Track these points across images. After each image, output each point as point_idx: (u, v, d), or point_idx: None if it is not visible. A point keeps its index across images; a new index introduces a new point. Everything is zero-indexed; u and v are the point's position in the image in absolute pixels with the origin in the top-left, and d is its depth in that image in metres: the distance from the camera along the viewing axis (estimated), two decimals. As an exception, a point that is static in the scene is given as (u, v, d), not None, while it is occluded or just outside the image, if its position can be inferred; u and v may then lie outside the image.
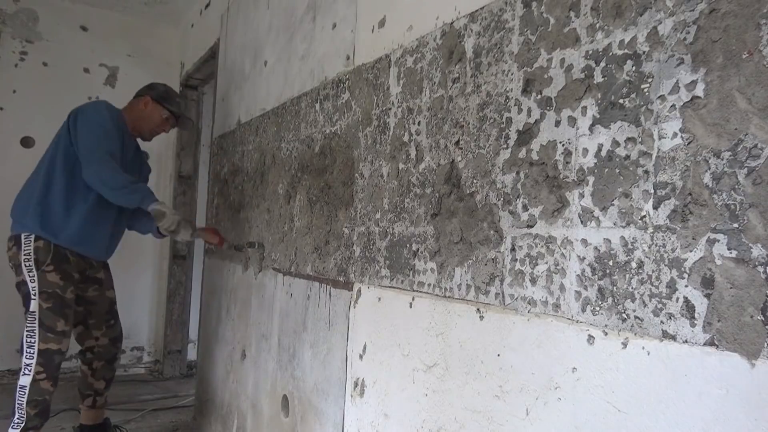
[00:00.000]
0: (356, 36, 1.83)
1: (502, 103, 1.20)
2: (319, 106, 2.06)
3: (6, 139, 4.07)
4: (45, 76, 4.19)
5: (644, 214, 0.89)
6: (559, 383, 1.02)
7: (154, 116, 2.84)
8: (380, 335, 1.58)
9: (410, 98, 1.51)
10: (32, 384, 2.46)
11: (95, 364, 2.83)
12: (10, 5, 4.08)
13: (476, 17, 1.29)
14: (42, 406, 2.50)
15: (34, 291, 2.48)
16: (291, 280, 2.21)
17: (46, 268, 2.49)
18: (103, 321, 2.83)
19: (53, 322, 2.48)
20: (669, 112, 0.86)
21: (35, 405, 2.48)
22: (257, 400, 2.46)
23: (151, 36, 4.59)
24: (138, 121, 2.83)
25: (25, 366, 2.47)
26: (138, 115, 2.83)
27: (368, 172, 1.69)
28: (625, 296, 0.91)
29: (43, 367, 2.47)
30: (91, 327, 2.81)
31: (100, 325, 2.82)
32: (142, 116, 2.83)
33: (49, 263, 2.50)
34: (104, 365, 2.85)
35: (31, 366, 2.46)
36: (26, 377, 2.47)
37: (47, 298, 2.48)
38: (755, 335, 0.74)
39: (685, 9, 0.85)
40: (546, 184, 1.07)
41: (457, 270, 1.29)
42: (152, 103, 2.82)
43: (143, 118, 2.83)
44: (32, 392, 2.46)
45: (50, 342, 2.48)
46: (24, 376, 2.47)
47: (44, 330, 2.47)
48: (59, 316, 2.50)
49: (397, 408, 1.48)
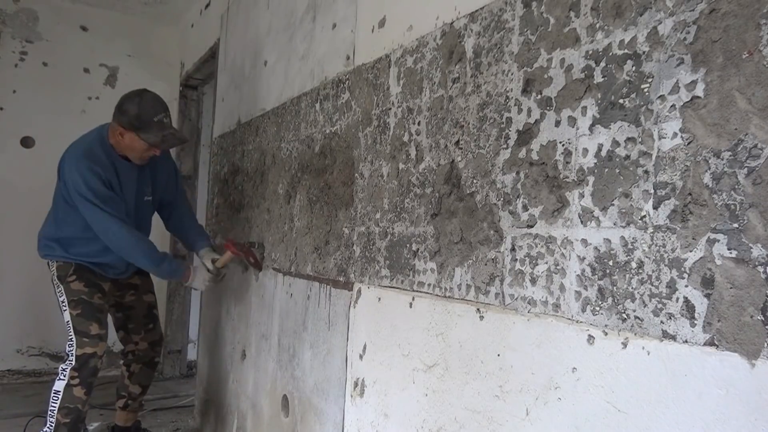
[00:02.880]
0: (356, 36, 1.83)
1: (502, 103, 1.20)
2: (319, 106, 2.06)
3: (6, 139, 4.07)
4: (45, 76, 4.19)
5: (644, 214, 0.89)
6: (559, 383, 1.02)
7: (135, 145, 2.43)
8: (380, 335, 1.58)
9: (410, 98, 1.51)
10: (66, 389, 2.49)
11: (133, 366, 2.85)
12: (10, 5, 4.08)
13: (476, 17, 1.29)
14: (73, 416, 2.51)
15: (63, 303, 2.55)
16: (291, 280, 2.21)
17: (69, 278, 2.56)
18: (141, 325, 2.84)
19: (86, 326, 2.52)
20: (669, 112, 0.86)
21: (67, 413, 2.50)
22: (257, 400, 2.46)
23: (151, 36, 4.59)
24: (122, 150, 2.49)
25: (61, 371, 2.52)
26: (118, 145, 2.47)
27: (368, 172, 1.69)
28: (625, 296, 0.91)
29: (78, 372, 2.49)
30: (130, 331, 2.84)
31: (139, 330, 2.84)
32: (123, 146, 2.46)
33: (72, 274, 2.56)
34: (142, 368, 2.86)
35: (67, 371, 2.50)
36: (61, 382, 2.51)
37: (75, 305, 2.53)
38: (755, 335, 0.74)
39: (685, 9, 0.85)
40: (546, 184, 1.07)
41: (457, 270, 1.29)
42: (127, 133, 2.40)
43: (124, 148, 2.47)
44: (65, 398, 2.49)
45: (86, 346, 2.51)
46: (59, 381, 2.52)
47: (79, 336, 2.52)
48: (91, 320, 2.53)
49: (397, 408, 1.48)
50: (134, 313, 2.82)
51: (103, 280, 2.63)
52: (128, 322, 2.82)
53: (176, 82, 4.59)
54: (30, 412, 3.15)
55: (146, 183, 2.66)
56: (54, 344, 4.17)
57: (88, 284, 2.57)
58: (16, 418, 3.21)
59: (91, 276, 2.59)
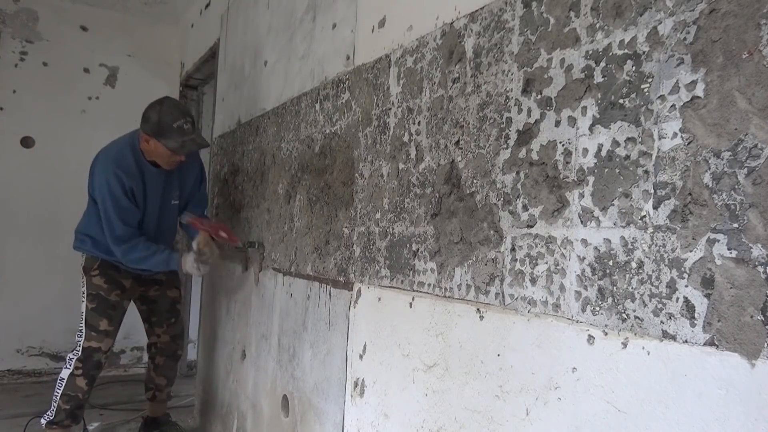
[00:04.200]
0: (356, 36, 1.83)
1: (502, 103, 1.20)
2: (319, 106, 2.06)
3: (6, 139, 4.07)
4: (45, 76, 4.19)
5: (644, 214, 0.89)
6: (559, 383, 1.02)
7: (160, 151, 2.54)
8: (380, 335, 1.58)
9: (410, 98, 1.51)
10: (69, 378, 2.67)
11: (158, 359, 3.00)
12: (10, 5, 4.08)
13: (476, 17, 1.29)
14: (74, 404, 2.69)
15: (84, 294, 2.71)
16: (291, 280, 2.21)
17: (93, 272, 2.70)
18: (164, 319, 2.97)
19: (96, 321, 2.67)
20: (669, 112, 0.86)
21: (67, 400, 2.68)
22: (257, 400, 2.46)
23: (151, 36, 4.59)
24: (150, 155, 2.60)
25: (68, 360, 2.70)
26: (147, 150, 2.59)
27: (368, 172, 1.69)
28: (625, 296, 0.91)
29: (82, 363, 2.66)
30: (153, 324, 2.98)
31: (161, 323, 2.97)
32: (150, 151, 2.58)
33: (96, 269, 2.70)
34: (166, 361, 3.01)
35: (72, 361, 2.68)
36: (66, 370, 2.69)
37: (92, 299, 2.69)
38: (755, 335, 0.74)
39: (685, 9, 0.85)
40: (546, 184, 1.07)
41: (457, 270, 1.29)
42: (152, 139, 2.51)
43: (151, 153, 2.58)
44: (67, 386, 2.67)
45: (92, 340, 2.67)
46: (65, 369, 2.70)
47: (89, 329, 2.68)
48: (102, 316, 2.68)
49: (397, 408, 1.48)
50: (157, 307, 2.96)
51: (126, 277, 2.76)
52: (151, 315, 2.97)
53: (176, 82, 4.59)
54: (30, 412, 3.15)
55: (173, 187, 2.79)
56: (54, 344, 4.17)
57: (108, 281, 2.71)
58: (16, 418, 3.22)
59: (114, 273, 2.72)
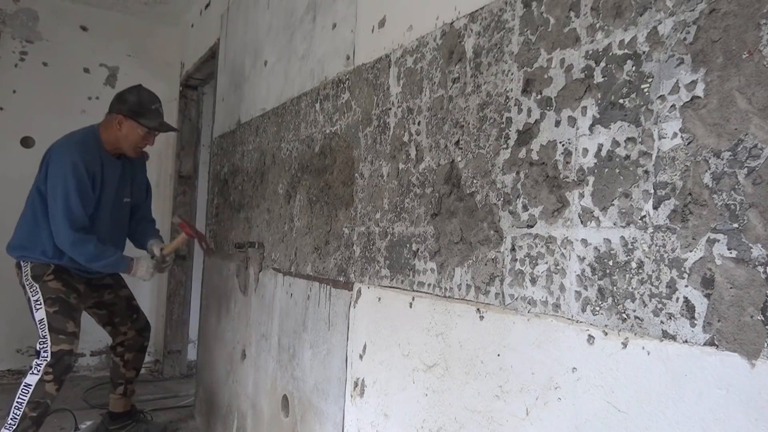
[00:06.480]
0: (356, 36, 1.83)
1: (502, 103, 1.20)
2: (319, 106, 2.06)
3: (6, 139, 4.07)
4: (45, 76, 4.19)
5: (644, 214, 0.89)
6: (559, 383, 1.02)
7: (131, 134, 2.63)
8: (380, 335, 1.58)
9: (410, 98, 1.51)
10: (38, 384, 2.50)
11: (126, 355, 3.02)
12: (10, 5, 4.08)
13: (476, 17, 1.30)
14: (41, 410, 2.52)
15: (38, 301, 2.58)
16: (291, 280, 2.21)
17: (47, 278, 2.61)
18: (126, 317, 3.00)
19: (62, 324, 2.57)
20: (669, 112, 0.87)
21: (35, 407, 2.50)
22: (257, 400, 2.46)
23: (151, 36, 4.59)
24: (116, 141, 2.66)
25: (36, 365, 2.52)
26: (114, 135, 2.65)
27: (368, 172, 1.69)
28: (625, 296, 0.91)
29: (53, 367, 2.51)
30: (117, 324, 3.00)
31: (125, 321, 3.00)
32: (119, 136, 2.64)
33: (50, 274, 2.62)
34: (135, 355, 3.05)
35: (41, 366, 2.50)
36: (34, 376, 2.50)
37: (52, 303, 2.59)
38: (755, 335, 0.74)
39: (685, 9, 0.85)
40: (546, 184, 1.07)
41: (457, 270, 1.29)
42: (126, 121, 2.60)
43: (120, 138, 2.65)
44: (35, 392, 2.49)
45: (62, 343, 2.54)
46: (32, 375, 2.51)
47: (55, 333, 2.54)
48: (68, 318, 2.60)
49: (397, 408, 1.48)
50: (116, 309, 2.98)
51: (79, 282, 2.72)
52: (113, 317, 2.98)
53: (176, 82, 4.59)
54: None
55: (126, 184, 2.82)
56: (54, 344, 4.16)
57: (65, 284, 2.64)
58: (16, 418, 3.21)
59: (68, 277, 2.67)
